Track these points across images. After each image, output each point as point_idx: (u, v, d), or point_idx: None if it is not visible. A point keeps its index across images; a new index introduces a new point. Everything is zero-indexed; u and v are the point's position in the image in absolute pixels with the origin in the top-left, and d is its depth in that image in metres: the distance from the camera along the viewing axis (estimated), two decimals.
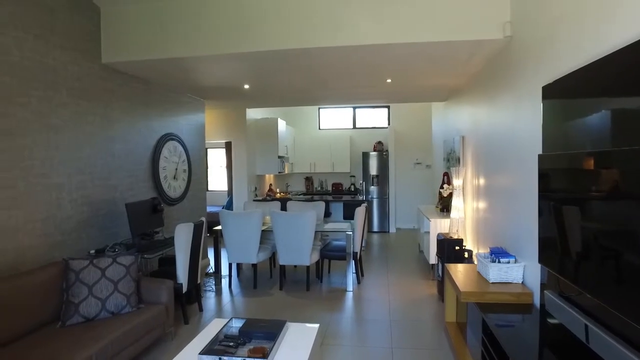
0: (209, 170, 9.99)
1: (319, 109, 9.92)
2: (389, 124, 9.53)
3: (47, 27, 3.31)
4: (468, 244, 4.71)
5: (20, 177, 3.05)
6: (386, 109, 9.68)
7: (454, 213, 4.89)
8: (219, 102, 6.71)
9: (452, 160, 5.68)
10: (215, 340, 2.49)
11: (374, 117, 9.81)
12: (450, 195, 5.30)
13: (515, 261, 3.01)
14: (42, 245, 3.24)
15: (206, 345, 2.38)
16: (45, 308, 2.86)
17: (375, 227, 9.06)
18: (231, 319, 2.80)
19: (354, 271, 5.24)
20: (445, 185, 5.70)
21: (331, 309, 4.30)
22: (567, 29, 2.29)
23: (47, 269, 2.98)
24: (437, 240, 4.61)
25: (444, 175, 6.00)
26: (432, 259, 5.15)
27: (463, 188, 4.99)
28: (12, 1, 3.01)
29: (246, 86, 5.27)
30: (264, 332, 2.58)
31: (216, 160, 10.32)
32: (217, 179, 10.32)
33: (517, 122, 3.11)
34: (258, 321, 2.77)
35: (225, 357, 2.23)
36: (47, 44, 3.30)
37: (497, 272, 2.99)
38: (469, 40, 3.28)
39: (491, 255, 3.11)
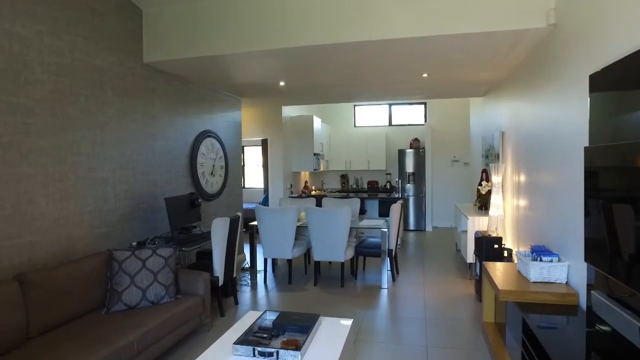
0: (245, 168, 10.17)
1: (354, 106, 9.88)
2: (425, 121, 9.35)
3: (95, 30, 3.47)
4: (507, 243, 4.54)
5: (71, 171, 3.22)
6: (422, 106, 9.50)
7: (492, 211, 4.73)
8: (255, 100, 6.82)
9: (491, 156, 5.50)
10: (249, 332, 2.53)
11: (410, 114, 9.65)
12: (489, 192, 5.13)
13: (559, 260, 2.87)
14: (90, 236, 3.41)
15: (240, 336, 2.43)
16: (91, 295, 3.01)
17: (412, 226, 8.92)
18: (265, 311, 2.83)
19: (389, 269, 5.19)
20: (483, 183, 5.53)
21: (365, 306, 4.27)
22: (618, 12, 2.16)
23: (93, 258, 3.13)
24: (475, 238, 4.49)
25: (482, 172, 5.82)
26: (470, 257, 5.01)
27: (502, 185, 4.82)
28: (68, 7, 3.20)
29: (282, 83, 5.32)
30: (297, 325, 2.60)
31: (253, 158, 10.49)
32: (253, 177, 10.49)
33: (562, 115, 2.97)
34: (292, 314, 2.79)
35: (258, 348, 2.26)
36: (95, 46, 3.47)
37: (538, 271, 2.86)
38: (510, 30, 3.16)
39: (532, 253, 2.99)
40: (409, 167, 8.92)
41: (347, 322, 2.76)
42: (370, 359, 3.13)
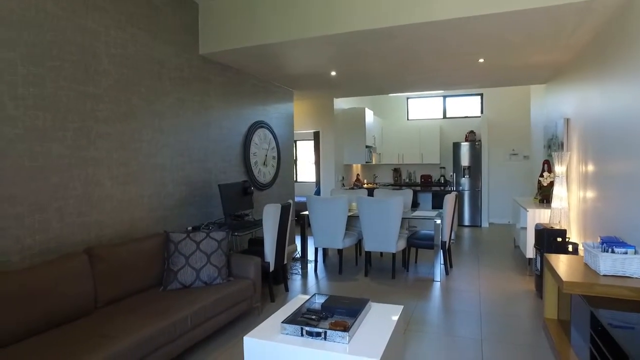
0: (297, 162, 10.28)
1: (407, 99, 9.67)
2: (482, 113, 8.96)
3: (155, 24, 3.65)
4: (572, 237, 4.24)
5: (133, 157, 3.42)
6: (479, 97, 9.11)
7: (555, 203, 4.43)
8: (307, 92, 6.87)
9: (554, 146, 5.15)
10: (297, 313, 2.54)
11: (466, 106, 9.28)
12: (551, 184, 4.81)
13: (635, 252, 2.63)
14: (149, 218, 3.60)
15: (289, 316, 2.45)
16: (149, 273, 3.18)
17: (466, 221, 8.59)
18: (314, 295, 2.84)
19: (442, 262, 5.02)
20: (545, 174, 5.20)
21: (417, 297, 4.17)
22: None
23: (152, 239, 3.30)
24: (536, 230, 4.23)
25: (543, 164, 5.47)
26: (530, 252, 4.73)
27: (567, 175, 4.50)
28: (131, 2, 3.40)
29: (333, 73, 5.32)
30: (346, 308, 2.58)
31: (304, 153, 10.58)
32: (305, 172, 10.58)
33: (638, 98, 2.71)
34: (341, 298, 2.77)
35: (307, 327, 2.26)
36: (155, 39, 3.65)
37: (610, 264, 2.63)
38: (576, 2, 2.92)
39: (602, 244, 2.75)
40: (464, 161, 8.59)
41: (398, 308, 2.70)
42: (421, 349, 3.05)
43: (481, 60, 4.61)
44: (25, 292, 2.30)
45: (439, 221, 4.75)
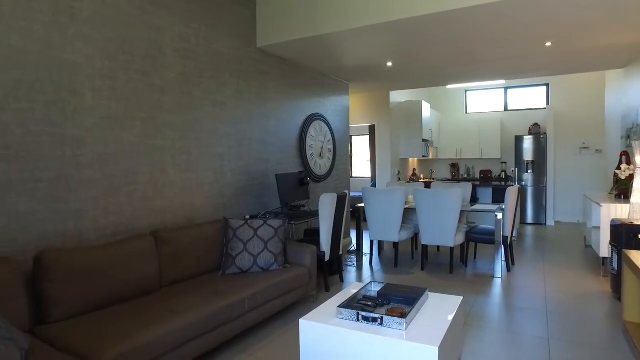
0: (353, 158, 10.25)
1: (466, 91, 9.30)
2: (547, 104, 8.41)
3: (216, 18, 3.79)
4: None
5: (194, 146, 3.57)
6: (544, 87, 8.55)
7: (635, 197, 4.04)
8: (362, 85, 6.81)
9: (635, 135, 4.72)
10: (353, 299, 2.53)
11: (529, 98, 8.76)
12: (631, 177, 4.40)
13: None
14: (209, 205, 3.74)
15: (344, 301, 2.44)
16: (209, 257, 3.31)
17: (529, 219, 8.12)
18: (370, 282, 2.81)
19: (504, 259, 4.78)
20: (623, 166, 4.76)
21: (476, 292, 3.99)
22: None
23: (212, 225, 3.43)
24: (612, 226, 3.89)
25: (621, 156, 5.02)
26: (604, 251, 4.37)
27: None
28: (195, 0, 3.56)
29: (389, 64, 5.23)
30: (403, 296, 2.53)
31: (359, 150, 10.52)
32: (360, 168, 10.53)
33: None
34: (397, 286, 2.72)
35: (363, 313, 2.24)
36: (215, 32, 3.78)
37: None
38: None
39: None
40: (527, 155, 8.11)
41: (457, 298, 2.60)
42: (480, 344, 2.91)
43: (549, 44, 4.31)
44: (101, 266, 2.48)
45: (500, 215, 4.52)
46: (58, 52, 2.58)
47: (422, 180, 8.47)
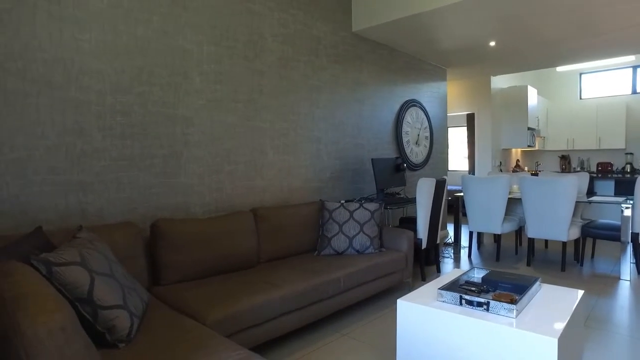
0: (449, 151, 9.74)
1: (580, 74, 8.27)
2: None
3: (313, 3, 3.83)
4: None
5: (291, 128, 3.65)
6: None
7: None
8: (461, 70, 6.42)
9: None
10: (455, 283, 2.36)
11: None
12: None
13: None
14: (305, 188, 3.80)
15: (446, 284, 2.28)
16: (305, 237, 3.34)
17: None
18: (473, 268, 2.60)
19: (633, 261, 4.14)
20: None
21: (596, 294, 3.50)
22: None
23: (309, 206, 3.47)
24: None
25: None
26: None
27: None
28: None
29: (492, 43, 4.83)
30: (511, 283, 2.29)
31: (455, 143, 9.97)
32: (456, 161, 9.97)
33: None
34: (504, 273, 2.48)
35: (467, 296, 2.07)
36: (311, 17, 3.82)
37: None
38: None
39: None
40: None
41: (576, 293, 2.28)
42: (604, 349, 2.53)
43: None
44: (207, 237, 2.63)
45: (627, 210, 3.90)
46: (172, 39, 2.80)
47: (526, 171, 7.75)
